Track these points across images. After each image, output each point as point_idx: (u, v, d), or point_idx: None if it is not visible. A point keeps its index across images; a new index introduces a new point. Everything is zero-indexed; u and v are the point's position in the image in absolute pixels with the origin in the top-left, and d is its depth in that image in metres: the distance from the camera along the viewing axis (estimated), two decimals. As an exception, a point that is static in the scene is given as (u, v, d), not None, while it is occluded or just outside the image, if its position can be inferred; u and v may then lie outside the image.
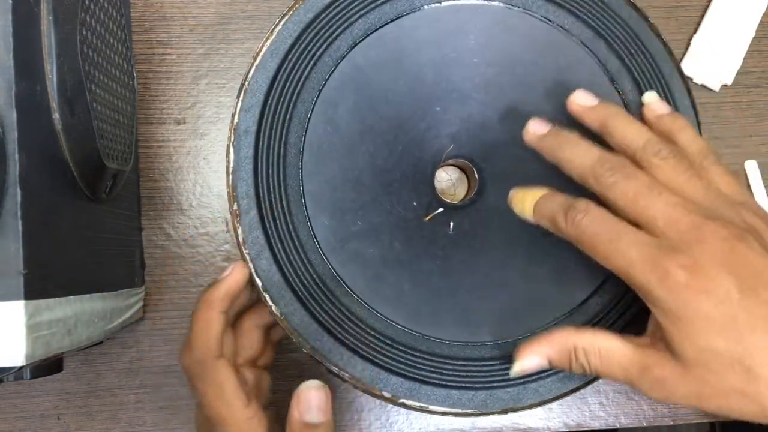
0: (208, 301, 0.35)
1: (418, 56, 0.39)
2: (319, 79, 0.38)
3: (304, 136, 0.37)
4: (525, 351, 0.33)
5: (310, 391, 0.33)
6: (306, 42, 0.38)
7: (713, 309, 0.28)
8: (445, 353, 0.37)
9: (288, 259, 0.36)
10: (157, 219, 0.45)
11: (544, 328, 0.37)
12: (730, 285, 0.28)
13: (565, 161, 0.33)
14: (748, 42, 0.48)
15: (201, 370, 0.34)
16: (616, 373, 0.31)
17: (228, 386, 0.34)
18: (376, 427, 0.46)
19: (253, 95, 0.37)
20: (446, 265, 0.38)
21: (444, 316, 0.37)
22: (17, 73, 0.28)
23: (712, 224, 0.29)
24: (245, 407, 0.34)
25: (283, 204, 0.37)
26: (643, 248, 0.29)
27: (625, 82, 0.39)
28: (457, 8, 0.39)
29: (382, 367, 0.36)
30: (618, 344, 0.31)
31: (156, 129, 0.45)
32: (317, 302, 0.36)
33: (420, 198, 0.38)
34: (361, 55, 0.38)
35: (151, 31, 0.46)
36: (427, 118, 0.39)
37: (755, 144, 0.48)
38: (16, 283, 0.28)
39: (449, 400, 0.36)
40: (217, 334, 0.35)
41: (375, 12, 0.38)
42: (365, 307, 0.37)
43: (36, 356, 0.29)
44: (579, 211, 0.31)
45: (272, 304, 0.36)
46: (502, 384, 0.36)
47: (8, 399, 0.44)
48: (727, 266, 0.28)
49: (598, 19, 0.39)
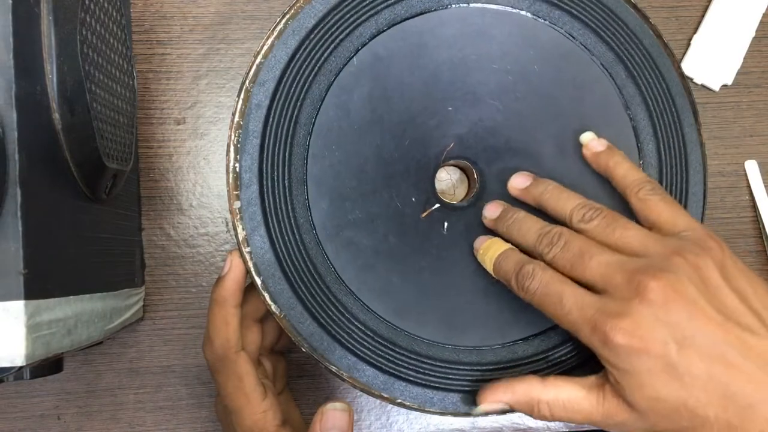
0: (220, 299, 0.36)
1: (438, 54, 0.39)
2: (337, 63, 0.37)
3: (315, 117, 0.37)
4: (488, 396, 0.35)
5: (336, 413, 0.34)
6: (330, 24, 0.37)
7: (654, 364, 0.30)
8: (425, 352, 0.37)
9: (282, 238, 0.36)
10: (157, 219, 0.45)
11: (525, 341, 0.38)
12: (667, 338, 0.30)
13: (517, 239, 0.36)
14: (748, 42, 0.48)
15: (222, 365, 0.36)
16: (578, 420, 0.33)
17: (247, 380, 0.36)
18: (376, 427, 0.46)
19: (270, 70, 0.36)
20: (437, 265, 0.38)
21: (429, 315, 0.37)
22: (17, 73, 0.28)
23: (644, 277, 0.30)
24: (262, 401, 0.36)
25: (285, 184, 0.37)
26: (586, 311, 0.31)
27: (638, 110, 0.39)
28: (484, 12, 0.39)
29: (359, 357, 0.36)
30: (580, 395, 0.33)
31: (156, 129, 0.45)
32: (305, 285, 0.36)
33: (419, 194, 0.38)
34: (382, 45, 0.38)
35: (151, 31, 0.46)
36: (437, 116, 0.39)
37: (755, 144, 0.48)
38: (16, 283, 0.28)
39: (420, 398, 0.36)
40: (235, 329, 0.36)
41: (402, 4, 0.38)
42: (352, 295, 0.37)
43: (36, 356, 0.29)
44: (527, 276, 0.34)
45: (259, 281, 0.36)
46: (476, 389, 0.36)
47: (8, 399, 0.44)
48: (662, 320, 0.30)
49: (621, 43, 0.40)
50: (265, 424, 0.36)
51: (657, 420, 0.31)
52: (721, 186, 0.48)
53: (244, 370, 0.36)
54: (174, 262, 0.45)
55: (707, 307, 0.30)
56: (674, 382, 0.30)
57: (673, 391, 0.30)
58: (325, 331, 0.36)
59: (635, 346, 0.30)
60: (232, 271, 0.36)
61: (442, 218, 0.39)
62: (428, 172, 0.39)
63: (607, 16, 0.40)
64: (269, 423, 0.36)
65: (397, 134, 0.38)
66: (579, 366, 0.38)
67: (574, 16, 0.39)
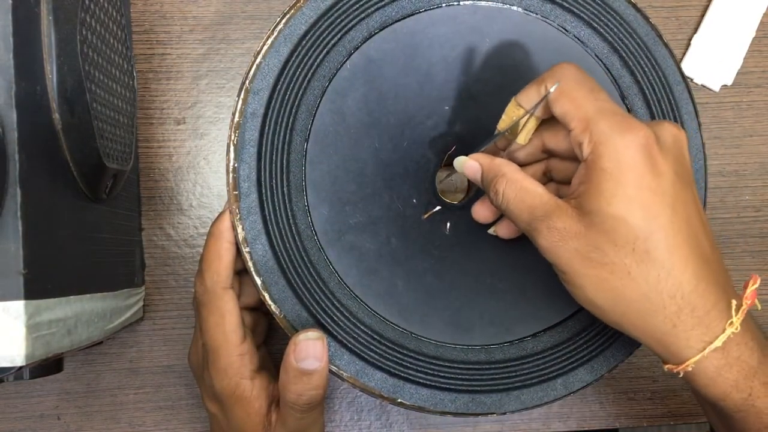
0: (216, 232, 0.36)
1: (432, 53, 0.39)
2: (330, 68, 0.37)
3: (311, 123, 0.37)
4: (472, 157, 0.34)
5: (308, 342, 0.34)
6: (321, 29, 0.37)
7: (652, 180, 0.29)
8: (432, 353, 0.37)
9: (284, 245, 0.36)
10: (157, 219, 0.45)
11: (532, 337, 0.38)
12: (670, 167, 0.30)
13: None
14: (748, 42, 0.48)
15: (208, 298, 0.36)
16: (522, 211, 0.32)
17: (229, 318, 0.35)
18: (376, 427, 0.46)
19: (264, 78, 0.36)
20: (441, 265, 0.38)
21: (434, 316, 0.37)
22: (17, 73, 0.28)
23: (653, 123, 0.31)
24: (240, 343, 0.36)
25: (284, 190, 0.36)
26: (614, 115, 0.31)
27: (635, 100, 0.39)
28: (475, 9, 0.39)
29: (367, 361, 0.36)
30: (539, 190, 0.32)
31: (156, 129, 0.45)
32: (309, 291, 0.36)
33: (420, 196, 0.38)
34: (374, 47, 0.38)
35: (151, 31, 0.46)
36: (434, 117, 0.39)
37: (755, 144, 0.48)
38: (16, 283, 0.28)
39: (431, 400, 0.36)
40: (227, 265, 0.36)
41: (393, 5, 0.38)
42: (356, 300, 0.37)
43: (36, 356, 0.29)
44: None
45: (263, 290, 0.36)
46: (486, 389, 0.36)
47: (8, 399, 0.44)
48: (672, 153, 0.30)
49: (615, 33, 0.39)
50: (240, 367, 0.35)
51: (600, 244, 0.30)
52: (721, 186, 0.48)
53: (228, 308, 0.35)
54: (174, 262, 0.45)
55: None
56: (653, 209, 0.30)
57: (643, 221, 0.29)
58: (332, 337, 0.36)
59: (650, 151, 0.30)
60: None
61: (444, 219, 0.39)
62: (428, 172, 0.39)
63: (600, 8, 0.39)
64: (244, 366, 0.36)
65: (395, 136, 0.38)
66: (588, 360, 0.37)
67: (566, 9, 0.39)
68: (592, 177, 0.30)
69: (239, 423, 0.36)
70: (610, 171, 0.29)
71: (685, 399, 0.47)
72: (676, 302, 0.30)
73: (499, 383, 0.36)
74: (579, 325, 0.38)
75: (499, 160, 0.33)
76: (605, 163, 0.29)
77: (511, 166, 0.33)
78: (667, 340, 0.30)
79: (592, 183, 0.30)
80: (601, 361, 0.37)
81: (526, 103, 0.33)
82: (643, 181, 0.29)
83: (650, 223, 0.29)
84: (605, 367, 0.37)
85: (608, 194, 0.29)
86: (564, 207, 0.31)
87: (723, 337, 0.30)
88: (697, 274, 0.30)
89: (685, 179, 0.31)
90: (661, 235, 0.29)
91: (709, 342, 0.30)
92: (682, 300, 0.30)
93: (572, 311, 0.38)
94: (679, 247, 0.30)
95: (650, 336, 0.31)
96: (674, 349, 0.31)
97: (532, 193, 0.32)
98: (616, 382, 0.47)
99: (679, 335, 0.30)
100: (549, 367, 0.37)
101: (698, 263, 0.30)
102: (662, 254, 0.29)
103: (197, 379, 0.39)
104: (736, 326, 0.30)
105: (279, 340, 0.45)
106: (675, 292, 0.30)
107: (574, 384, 0.37)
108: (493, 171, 0.33)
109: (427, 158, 0.39)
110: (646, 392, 0.47)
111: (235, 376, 0.35)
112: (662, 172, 0.30)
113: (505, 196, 0.32)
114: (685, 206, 0.30)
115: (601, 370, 0.37)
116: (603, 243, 0.30)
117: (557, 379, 0.37)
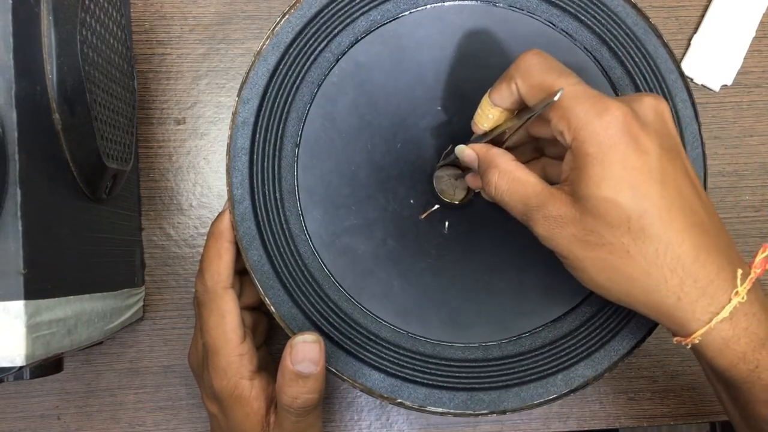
0: (217, 232, 0.36)
1: (420, 55, 0.39)
2: (319, 74, 0.38)
3: (301, 129, 0.37)
4: (469, 146, 0.34)
5: (305, 345, 0.34)
6: (308, 37, 0.38)
7: (637, 159, 0.29)
8: (429, 352, 0.37)
9: (278, 250, 0.36)
10: (157, 219, 0.45)
11: (530, 333, 0.38)
12: (654, 142, 0.30)
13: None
14: (748, 42, 0.48)
15: (208, 298, 0.36)
16: (517, 202, 0.32)
17: (229, 318, 0.35)
18: (376, 427, 0.46)
19: (253, 87, 0.37)
20: (438, 264, 0.38)
21: (431, 315, 0.37)
22: (17, 73, 0.28)
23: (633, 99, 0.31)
24: (240, 343, 0.36)
25: (277, 196, 0.37)
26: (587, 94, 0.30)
27: (627, 90, 0.39)
28: (461, 8, 0.39)
29: (364, 362, 0.36)
30: (532, 179, 0.32)
31: (156, 129, 0.45)
32: (304, 294, 0.36)
33: (417, 196, 0.38)
34: (362, 51, 0.38)
35: (151, 31, 0.46)
36: (427, 117, 0.39)
37: (755, 144, 0.48)
38: (16, 283, 0.28)
39: (429, 399, 0.36)
40: (227, 264, 0.36)
41: (378, 9, 0.38)
42: (352, 302, 0.37)
43: (36, 356, 0.29)
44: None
45: (262, 293, 0.36)
46: (484, 386, 0.36)
47: (8, 399, 0.44)
48: (654, 127, 0.30)
49: (603, 25, 0.39)
50: (239, 367, 0.35)
51: (596, 227, 0.30)
52: (721, 186, 0.48)
53: (228, 308, 0.35)
54: (174, 262, 0.45)
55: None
56: (641, 188, 0.29)
57: (635, 201, 0.29)
58: (329, 339, 0.36)
59: (632, 131, 0.29)
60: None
61: (442, 218, 0.39)
62: (425, 173, 0.39)
63: (586, 0, 0.39)
64: (244, 367, 0.36)
65: (388, 138, 0.38)
66: (588, 356, 0.37)
67: (552, 4, 0.39)
68: (578, 163, 0.30)
69: (238, 423, 0.36)
70: (594, 155, 0.29)
71: (685, 399, 0.47)
72: (677, 275, 0.30)
73: (497, 380, 0.36)
74: (578, 320, 0.38)
75: (494, 151, 0.33)
76: (588, 148, 0.29)
77: (505, 157, 0.33)
78: (674, 313, 0.30)
79: (579, 168, 0.30)
80: (602, 355, 0.37)
81: (500, 100, 0.33)
82: (627, 161, 0.29)
83: (641, 201, 0.29)
84: (606, 361, 0.37)
85: (596, 178, 0.29)
86: (557, 194, 0.31)
87: (729, 307, 0.30)
88: (696, 244, 0.30)
89: (672, 151, 0.31)
90: (654, 211, 0.29)
91: (715, 313, 0.30)
92: (683, 272, 0.30)
93: (570, 307, 0.38)
94: (673, 220, 0.29)
95: (657, 311, 0.31)
96: (682, 322, 0.30)
97: (524, 183, 0.32)
98: (616, 382, 0.47)
99: (684, 308, 0.30)
100: (548, 363, 0.37)
101: (695, 234, 0.30)
102: (658, 230, 0.29)
103: (197, 379, 0.39)
104: (742, 296, 0.30)
105: (279, 340, 0.45)
106: (675, 266, 0.30)
107: (574, 380, 0.37)
108: (487, 161, 0.33)
109: (423, 159, 0.39)
110: (646, 392, 0.47)
111: (235, 376, 0.35)
112: (647, 149, 0.29)
113: (498, 188, 0.32)
114: (675, 179, 0.30)
115: (602, 365, 0.37)
116: (598, 226, 0.30)
117: (557, 375, 0.37)
